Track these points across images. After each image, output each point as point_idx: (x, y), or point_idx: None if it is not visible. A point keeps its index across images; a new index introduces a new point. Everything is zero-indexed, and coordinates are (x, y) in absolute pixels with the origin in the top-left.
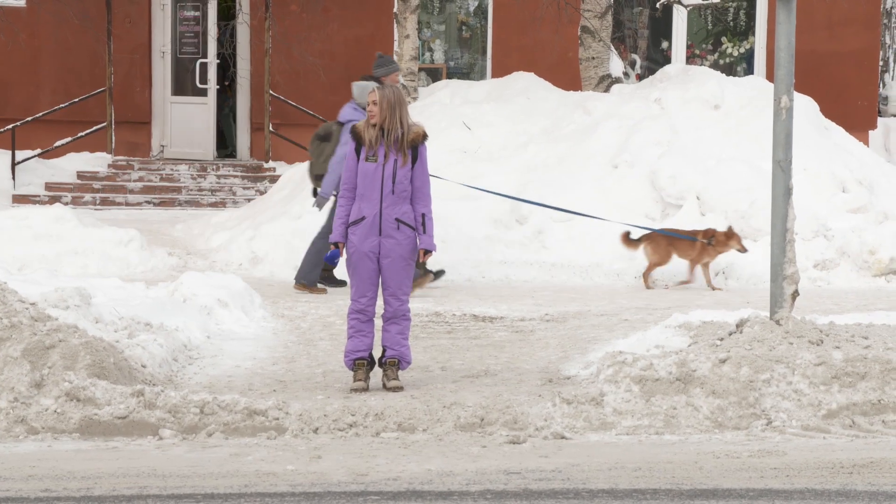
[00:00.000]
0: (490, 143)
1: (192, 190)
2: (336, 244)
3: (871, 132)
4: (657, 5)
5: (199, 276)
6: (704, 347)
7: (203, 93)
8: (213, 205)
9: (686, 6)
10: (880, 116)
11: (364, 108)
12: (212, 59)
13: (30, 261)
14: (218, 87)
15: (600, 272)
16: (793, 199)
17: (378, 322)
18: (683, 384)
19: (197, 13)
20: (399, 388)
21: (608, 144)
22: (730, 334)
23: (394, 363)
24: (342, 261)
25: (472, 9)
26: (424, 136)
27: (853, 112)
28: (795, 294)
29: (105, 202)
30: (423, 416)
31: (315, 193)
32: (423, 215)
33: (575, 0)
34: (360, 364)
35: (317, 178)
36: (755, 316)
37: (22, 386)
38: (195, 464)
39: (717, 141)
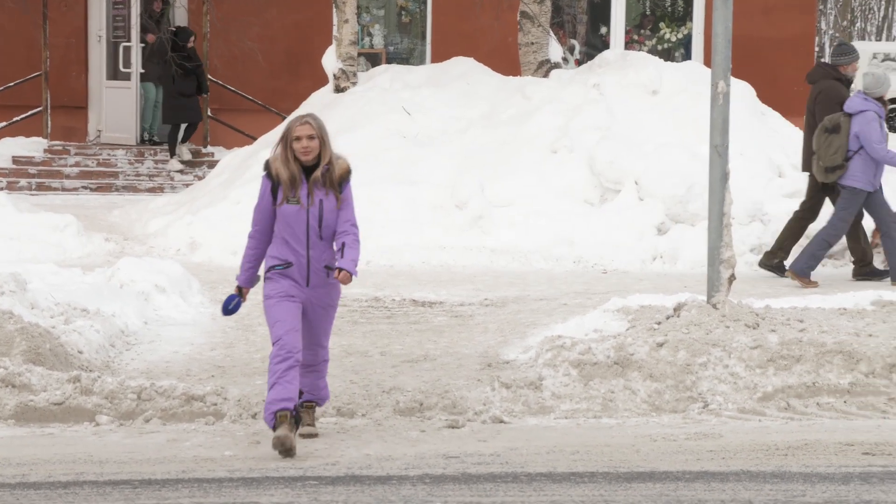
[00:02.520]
0: (429, 128)
1: (129, 175)
2: (240, 290)
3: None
4: None
5: (137, 261)
6: (642, 331)
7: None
8: (151, 190)
9: None
10: None
11: (876, 99)
12: (135, 43)
13: None
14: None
15: (539, 257)
16: (730, 184)
17: None
18: (621, 368)
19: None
20: (313, 435)
21: (547, 129)
22: (667, 318)
23: (311, 406)
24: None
25: None
26: (349, 172)
27: (789, 97)
28: (732, 278)
29: (41, 187)
30: (361, 401)
31: (826, 190)
32: (344, 244)
33: None
34: (283, 417)
35: (826, 170)
36: (692, 300)
37: None
38: (132, 450)
39: (655, 126)
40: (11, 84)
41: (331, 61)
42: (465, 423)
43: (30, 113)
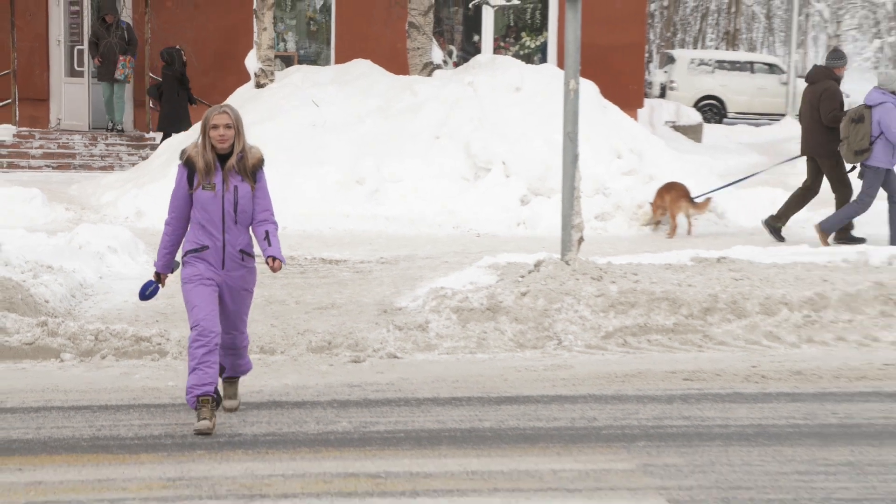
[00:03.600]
0: (334, 119)
1: (84, 156)
2: (158, 276)
3: (639, 110)
4: (470, 5)
5: (92, 227)
6: (509, 283)
7: (85, 75)
8: (103, 168)
9: (493, 6)
10: (646, 98)
11: (893, 93)
12: (85, 47)
13: None
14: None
15: (425, 224)
16: (579, 164)
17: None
18: (492, 313)
19: (78, 7)
20: (234, 409)
21: (431, 120)
22: (529, 272)
23: (234, 381)
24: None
25: (318, 6)
26: (262, 161)
27: (626, 94)
28: (581, 240)
29: (11, 166)
30: (280, 341)
31: (853, 170)
32: (267, 232)
33: (403, 0)
34: (205, 401)
35: (855, 153)
36: (549, 257)
37: None
38: (91, 381)
39: (518, 117)
40: None
41: (252, 62)
42: (366, 359)
43: (1, 104)
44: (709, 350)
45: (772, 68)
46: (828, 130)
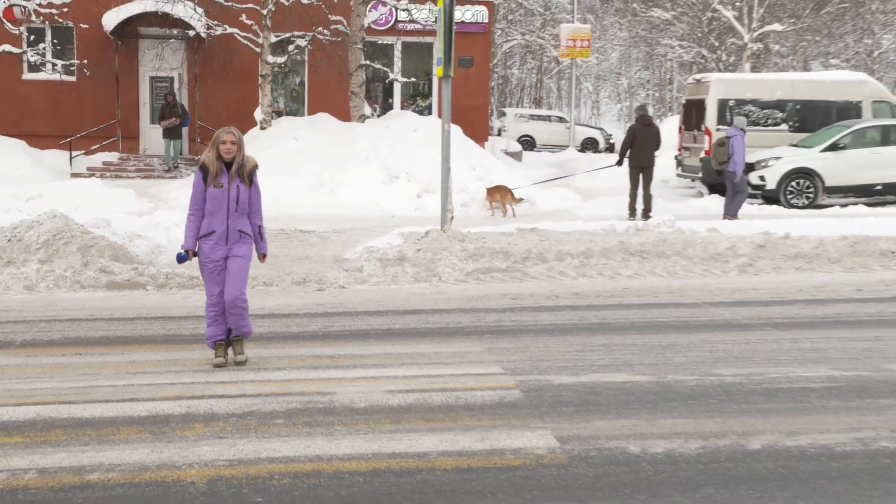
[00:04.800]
0: (307, 148)
1: (159, 171)
2: (188, 251)
3: (485, 143)
4: (386, 81)
5: (164, 212)
6: (411, 243)
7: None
8: (171, 178)
9: (400, 81)
10: (490, 135)
11: (741, 129)
12: (157, 115)
13: (79, 206)
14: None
15: (362, 209)
16: (451, 174)
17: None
18: (400, 261)
19: (163, 84)
20: (244, 361)
21: (365, 149)
22: (422, 237)
23: (239, 340)
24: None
25: (297, 82)
26: (256, 167)
27: (478, 133)
28: (452, 218)
29: (117, 177)
30: (275, 278)
31: (719, 174)
32: (260, 227)
33: (346, 77)
34: (220, 344)
35: (719, 163)
36: (434, 228)
37: (77, 264)
38: (164, 302)
39: (416, 146)
40: (101, 126)
41: (258, 114)
42: (326, 289)
43: (111, 140)
44: (526, 282)
45: (561, 119)
46: (655, 150)
